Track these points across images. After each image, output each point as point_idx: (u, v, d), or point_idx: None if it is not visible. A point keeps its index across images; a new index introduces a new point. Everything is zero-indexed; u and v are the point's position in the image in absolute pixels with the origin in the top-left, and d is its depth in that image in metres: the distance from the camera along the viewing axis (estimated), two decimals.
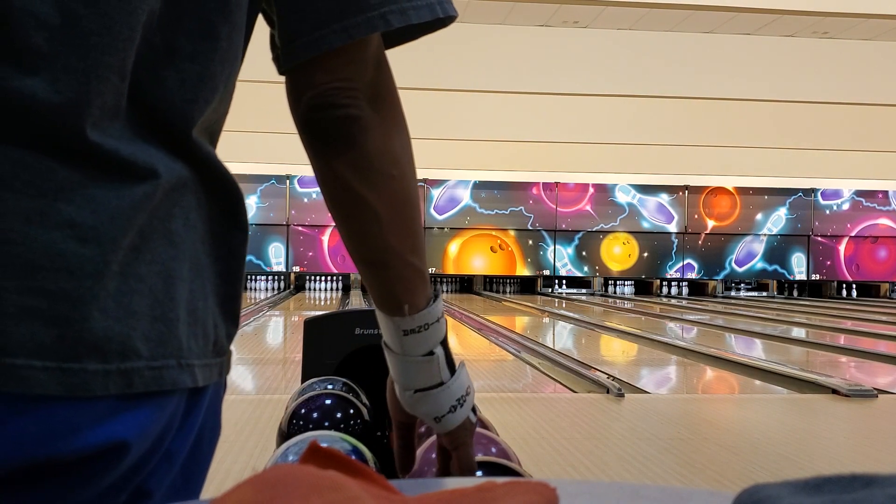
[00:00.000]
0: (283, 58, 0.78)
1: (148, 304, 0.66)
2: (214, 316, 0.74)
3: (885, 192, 18.66)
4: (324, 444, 0.70)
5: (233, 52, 0.74)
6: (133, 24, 0.64)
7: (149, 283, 0.66)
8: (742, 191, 18.46)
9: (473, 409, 0.94)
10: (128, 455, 0.65)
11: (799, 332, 10.72)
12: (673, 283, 18.85)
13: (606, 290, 18.56)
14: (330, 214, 0.89)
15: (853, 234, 18.74)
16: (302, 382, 2.12)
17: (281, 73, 0.81)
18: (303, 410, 1.79)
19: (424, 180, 17.62)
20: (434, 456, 1.37)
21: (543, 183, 17.94)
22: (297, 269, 17.52)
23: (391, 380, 0.92)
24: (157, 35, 0.66)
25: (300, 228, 17.46)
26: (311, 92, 0.78)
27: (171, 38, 0.67)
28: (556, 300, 16.21)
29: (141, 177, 0.66)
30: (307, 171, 17.10)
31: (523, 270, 18.09)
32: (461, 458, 0.92)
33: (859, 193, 18.64)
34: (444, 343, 0.91)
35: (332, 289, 17.82)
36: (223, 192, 0.76)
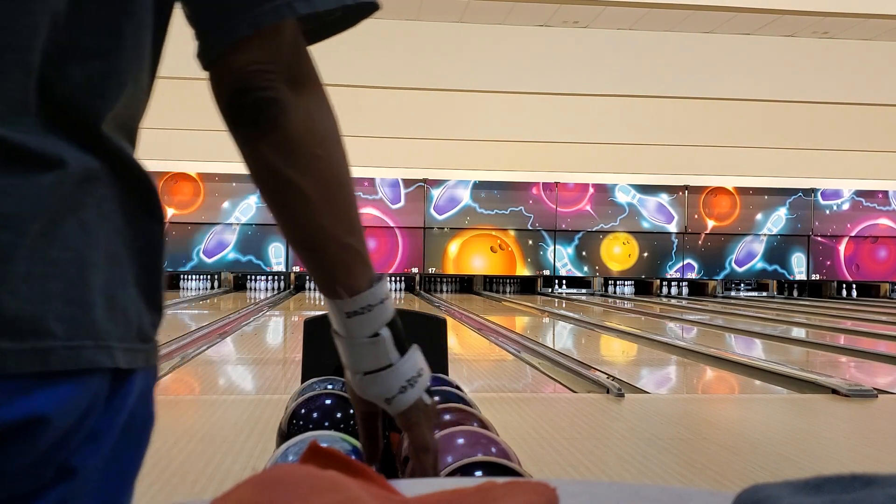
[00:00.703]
0: (202, 52, 0.82)
1: (61, 287, 0.67)
2: (136, 304, 0.75)
3: (885, 192, 18.66)
4: (324, 444, 0.70)
5: (140, 50, 0.76)
6: (34, 25, 0.67)
7: (61, 267, 0.68)
8: (742, 191, 18.45)
9: (429, 392, 0.95)
10: (48, 430, 0.66)
11: (799, 332, 10.72)
12: (673, 283, 18.85)
13: (606, 290, 18.56)
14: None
15: (853, 234, 18.74)
16: (302, 382, 2.12)
17: (205, 68, 0.83)
18: (303, 410, 1.79)
19: (424, 180, 17.62)
20: None
21: (543, 183, 17.94)
22: (296, 269, 17.52)
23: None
24: (62, 34, 0.69)
25: None
26: (230, 77, 0.80)
27: (76, 37, 0.70)
28: (556, 300, 16.21)
29: (48, 167, 0.67)
30: None
31: (523, 270, 18.09)
32: (414, 438, 0.94)
33: (859, 193, 18.64)
34: (393, 325, 0.92)
35: None
36: (137, 185, 0.76)
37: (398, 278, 18.15)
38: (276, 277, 17.84)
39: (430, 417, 0.96)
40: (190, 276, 17.78)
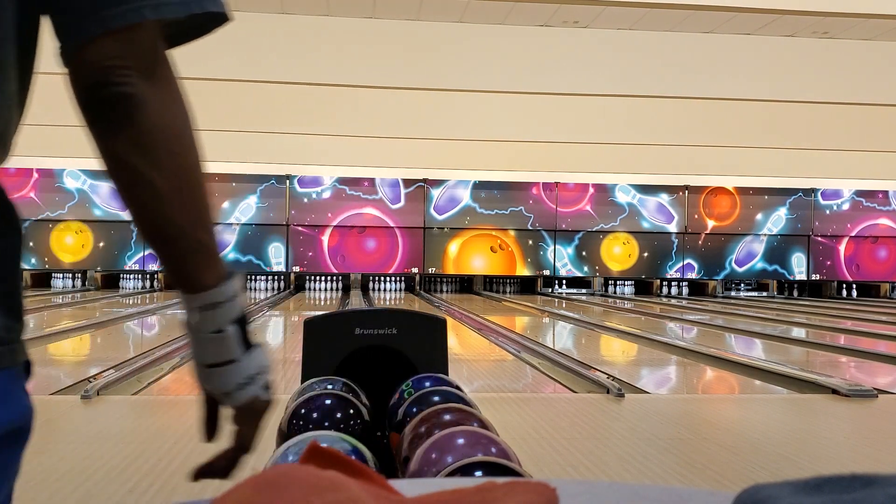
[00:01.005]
0: (62, 51, 0.83)
1: None
2: None
3: (885, 192, 18.66)
4: (324, 444, 0.70)
5: (1, 62, 0.79)
6: None
7: None
8: (742, 191, 18.45)
9: (267, 389, 0.98)
10: None
11: (799, 332, 10.72)
12: (673, 283, 18.84)
13: (606, 290, 18.55)
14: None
15: (853, 234, 18.74)
16: (302, 382, 2.12)
17: (65, 65, 0.84)
18: (303, 410, 1.79)
19: (424, 180, 17.62)
20: (434, 456, 1.37)
21: (543, 183, 17.94)
22: (296, 269, 17.52)
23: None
24: None
25: (300, 228, 17.45)
26: (86, 72, 0.82)
27: None
28: (556, 300, 16.21)
29: None
30: (307, 171, 17.11)
31: (523, 270, 18.09)
32: (241, 434, 0.97)
33: (859, 193, 18.64)
34: (240, 322, 0.93)
35: (332, 289, 17.82)
36: None
37: (398, 278, 18.15)
38: (276, 277, 17.84)
39: (263, 416, 0.99)
40: None
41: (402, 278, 18.14)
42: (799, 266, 18.70)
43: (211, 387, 0.95)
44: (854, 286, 19.04)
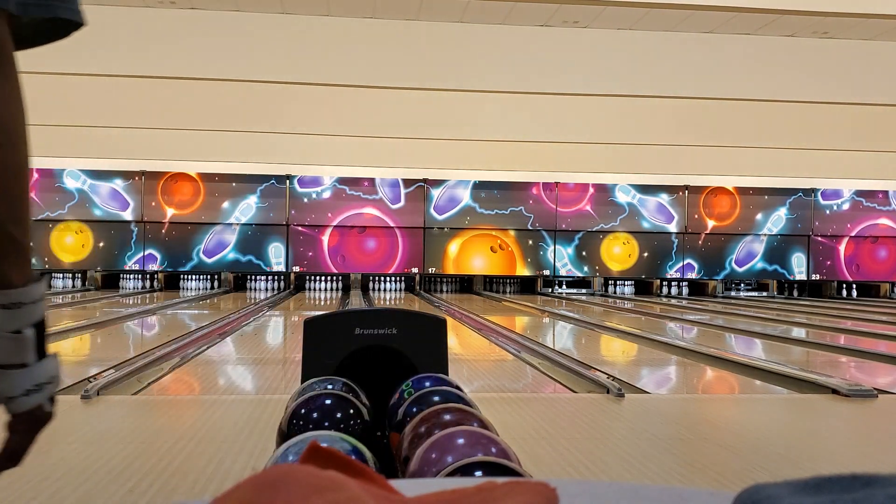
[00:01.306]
0: None
1: None
2: None
3: (885, 192, 18.66)
4: (324, 444, 0.70)
5: None
6: None
7: None
8: (742, 191, 18.45)
9: (52, 400, 0.95)
10: None
11: (799, 332, 10.72)
12: (673, 283, 18.84)
13: (606, 290, 18.55)
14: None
15: (853, 234, 18.74)
16: (302, 382, 2.12)
17: None
18: (303, 410, 1.79)
19: (425, 180, 17.62)
20: (434, 456, 1.37)
21: (543, 183, 17.94)
22: (296, 269, 17.52)
23: None
24: None
25: (300, 228, 17.45)
26: None
27: None
28: (556, 300, 16.21)
29: None
30: (307, 171, 17.12)
31: (523, 270, 18.09)
32: (14, 442, 0.91)
33: (859, 193, 18.64)
34: (40, 327, 0.91)
35: (332, 289, 17.82)
36: None
37: (398, 278, 18.15)
38: (276, 277, 17.84)
39: (41, 428, 0.94)
40: (190, 276, 17.78)
41: (402, 278, 18.14)
42: (799, 266, 18.70)
43: None
44: (854, 286, 19.04)
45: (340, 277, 17.90)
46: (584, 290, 18.46)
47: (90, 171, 16.47)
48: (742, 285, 19.19)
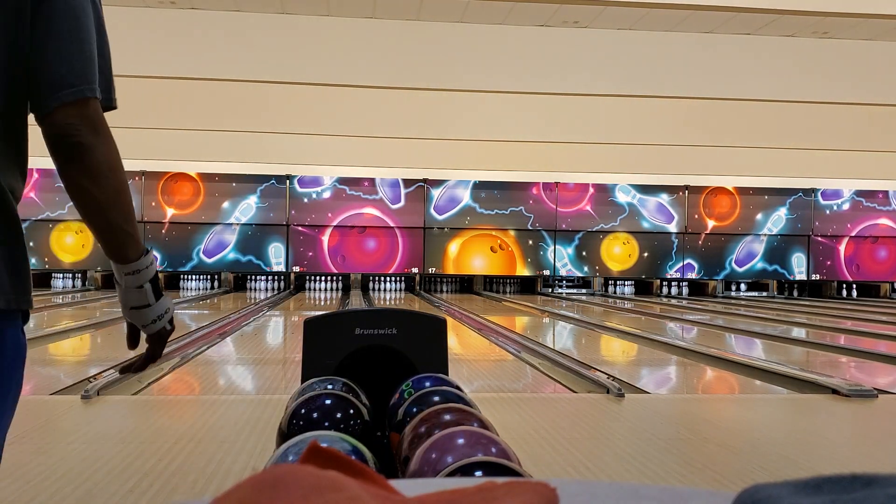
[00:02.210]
0: (37, 116, 1.32)
1: None
2: None
3: (885, 192, 18.66)
4: (324, 444, 0.70)
5: None
6: None
7: None
8: (742, 191, 18.45)
9: (171, 322, 1.50)
10: None
11: (799, 332, 10.72)
12: (673, 283, 18.84)
13: (606, 290, 18.56)
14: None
15: (853, 234, 18.74)
16: (302, 382, 2.12)
17: (40, 124, 1.32)
18: (303, 410, 1.79)
19: (425, 180, 17.62)
20: (434, 456, 1.37)
21: (543, 183, 17.94)
22: (297, 269, 17.52)
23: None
24: None
25: (300, 228, 17.46)
26: (54, 129, 1.30)
27: None
28: (556, 300, 16.21)
29: None
30: (307, 171, 17.12)
31: (523, 270, 18.09)
32: (151, 349, 1.50)
33: (859, 193, 18.64)
34: (153, 281, 1.44)
35: (332, 289, 17.82)
36: None
37: (398, 278, 18.16)
38: (276, 277, 17.85)
39: (167, 338, 1.51)
40: (190, 276, 17.79)
41: (402, 278, 18.14)
42: (799, 266, 18.70)
43: (134, 321, 1.46)
44: (854, 286, 19.04)
45: (340, 277, 17.90)
46: (584, 290, 18.46)
47: None
48: (742, 285, 19.20)
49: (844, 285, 19.05)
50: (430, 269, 17.78)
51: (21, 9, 1.28)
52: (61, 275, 17.34)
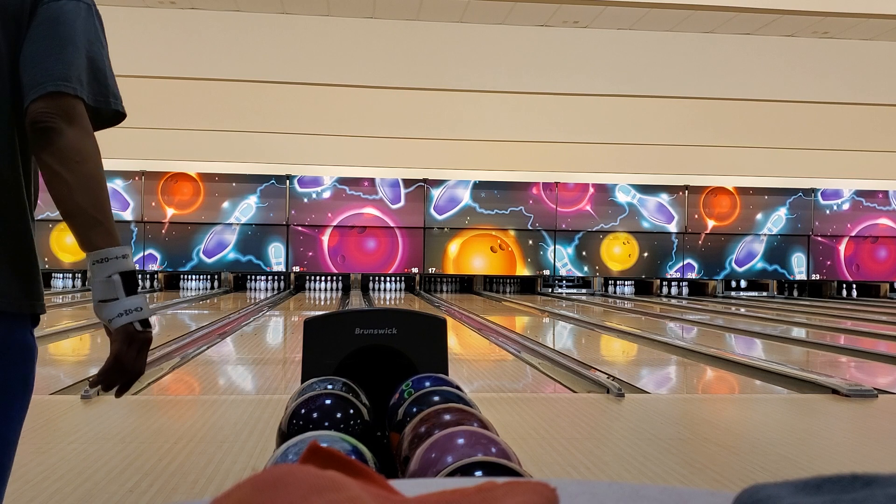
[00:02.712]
0: (25, 100, 1.38)
1: None
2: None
3: (885, 192, 18.66)
4: (324, 444, 0.70)
5: None
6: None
7: None
8: (742, 191, 18.46)
9: (143, 323, 1.44)
10: None
11: (799, 332, 10.72)
12: (673, 283, 18.85)
13: (606, 290, 18.56)
14: None
15: (853, 234, 18.74)
16: (302, 382, 2.12)
17: (25, 107, 1.37)
18: (303, 410, 1.79)
19: (425, 180, 17.62)
20: (434, 456, 1.37)
21: (543, 183, 17.94)
22: (297, 269, 17.52)
23: None
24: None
25: (300, 228, 17.46)
26: (29, 118, 1.36)
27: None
28: (556, 300, 16.21)
29: None
30: (307, 171, 17.12)
31: (523, 270, 18.09)
32: (114, 349, 1.45)
33: (859, 193, 18.64)
34: (126, 275, 1.40)
35: (332, 289, 17.82)
36: None
37: (398, 278, 18.16)
38: (276, 277, 17.85)
39: (137, 342, 1.46)
40: (190, 276, 17.79)
41: (402, 278, 18.14)
42: (799, 266, 18.70)
43: (99, 316, 1.43)
44: (854, 286, 19.04)
45: (340, 277, 17.90)
46: (584, 290, 18.46)
47: None
48: (742, 283, 19.20)
49: (844, 285, 19.05)
50: (430, 269, 17.78)
51: (20, 19, 1.39)
52: (61, 275, 17.34)
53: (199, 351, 7.45)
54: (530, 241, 18.05)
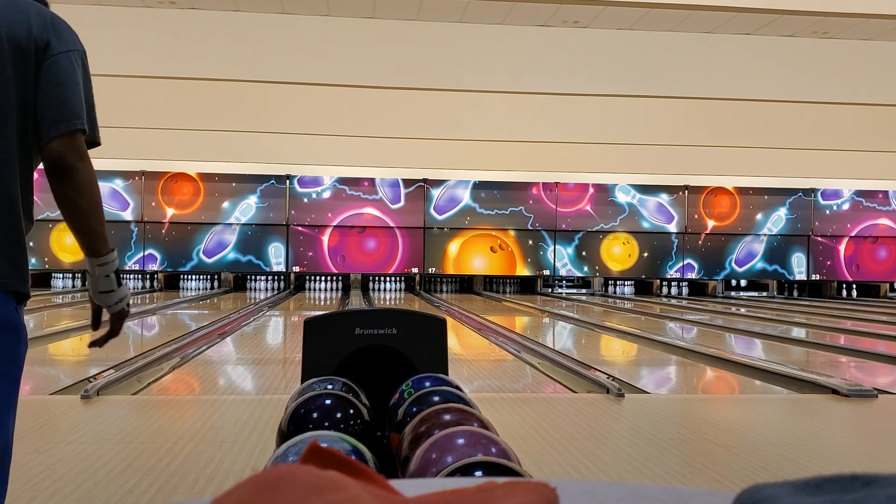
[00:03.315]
0: (39, 142, 1.72)
1: None
2: None
3: (885, 192, 18.66)
4: (324, 444, 0.70)
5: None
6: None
7: None
8: (742, 191, 18.46)
9: (128, 305, 1.91)
10: None
11: (799, 332, 10.72)
12: (673, 283, 18.85)
13: (606, 290, 18.56)
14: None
15: (853, 234, 18.74)
16: (302, 382, 2.12)
17: (39, 149, 1.72)
18: (303, 410, 1.79)
19: (425, 180, 17.62)
20: (434, 456, 1.37)
21: (543, 183, 17.94)
22: (296, 269, 17.52)
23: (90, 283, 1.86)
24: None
25: (300, 228, 17.46)
26: (51, 154, 1.69)
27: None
28: (556, 300, 16.21)
29: None
30: (307, 171, 17.12)
31: (523, 270, 18.09)
32: (113, 326, 1.90)
33: (859, 193, 18.64)
34: (117, 272, 1.84)
35: (332, 289, 17.82)
36: None
37: (398, 278, 18.16)
38: (276, 277, 17.84)
39: (125, 316, 1.92)
40: (190, 276, 17.79)
41: (402, 278, 18.14)
42: (799, 266, 18.70)
43: (101, 303, 1.87)
44: (854, 286, 19.04)
45: (340, 277, 17.90)
46: (584, 290, 18.46)
47: None
48: (742, 282, 19.21)
49: (844, 285, 19.05)
50: (430, 269, 17.78)
51: (26, 73, 1.71)
52: (61, 275, 17.34)
53: (199, 351, 7.45)
54: (530, 241, 18.05)
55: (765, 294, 18.90)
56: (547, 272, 18.15)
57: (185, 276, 17.79)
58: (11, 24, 1.69)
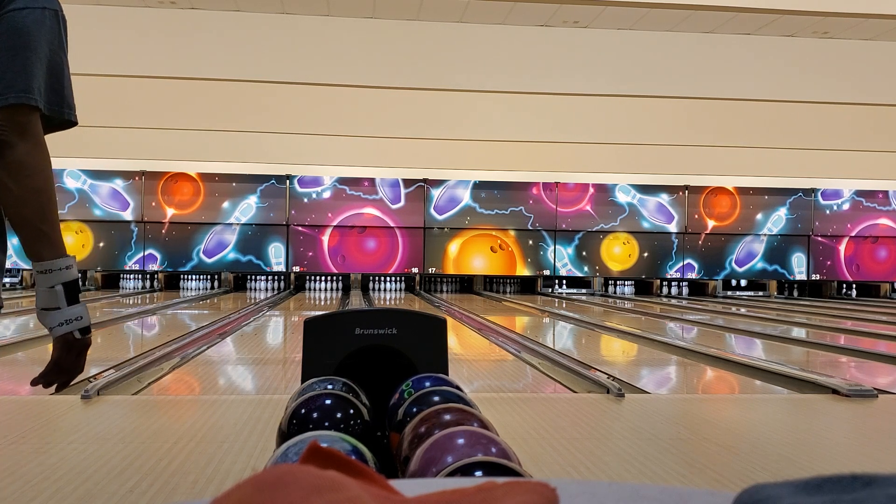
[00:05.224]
0: None
1: None
2: None
3: (885, 192, 18.66)
4: (324, 444, 0.70)
5: None
6: None
7: None
8: (742, 191, 18.46)
9: (83, 331, 1.50)
10: None
11: (799, 332, 10.71)
12: (673, 283, 18.85)
13: (606, 290, 18.55)
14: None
15: (853, 234, 18.74)
16: (302, 382, 2.12)
17: None
18: (303, 410, 1.79)
19: (425, 180, 17.62)
20: (434, 456, 1.37)
21: (543, 183, 17.94)
22: (297, 269, 17.52)
23: None
24: None
25: (300, 228, 17.46)
26: None
27: None
28: (556, 300, 16.21)
29: None
30: (307, 171, 17.12)
31: (523, 270, 18.09)
32: (55, 356, 1.50)
33: (859, 193, 18.64)
34: (69, 285, 1.49)
35: (332, 289, 17.82)
36: None
37: (398, 278, 18.15)
38: (276, 277, 17.85)
39: (76, 348, 1.50)
40: (190, 276, 17.79)
41: (402, 278, 18.14)
42: (799, 266, 18.70)
43: (42, 322, 1.51)
44: (854, 286, 19.04)
45: (340, 277, 17.90)
46: (584, 290, 18.46)
47: (90, 171, 16.47)
48: (742, 282, 19.21)
49: (844, 285, 19.05)
50: (430, 269, 17.78)
51: None
52: None
53: (199, 351, 7.45)
54: (530, 241, 18.05)
55: (765, 294, 18.90)
56: (547, 272, 18.15)
57: (186, 276, 17.79)
58: None
